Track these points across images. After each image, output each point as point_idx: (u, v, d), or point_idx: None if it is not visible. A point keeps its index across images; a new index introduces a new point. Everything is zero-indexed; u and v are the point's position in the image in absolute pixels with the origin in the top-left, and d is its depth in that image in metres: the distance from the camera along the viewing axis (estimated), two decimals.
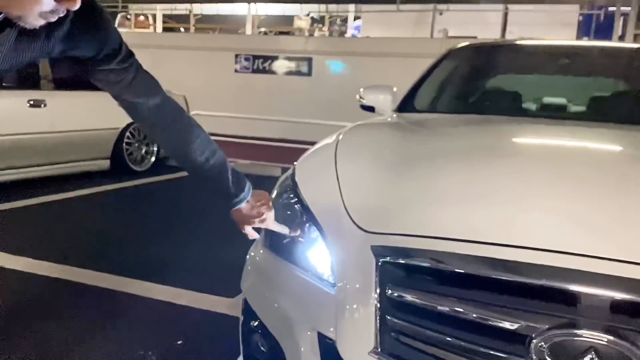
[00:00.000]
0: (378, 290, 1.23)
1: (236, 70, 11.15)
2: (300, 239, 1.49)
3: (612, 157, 1.78)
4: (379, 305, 1.23)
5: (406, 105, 2.63)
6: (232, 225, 1.47)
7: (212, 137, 1.38)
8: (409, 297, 1.20)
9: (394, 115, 2.47)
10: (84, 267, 3.08)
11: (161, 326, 2.44)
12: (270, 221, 1.44)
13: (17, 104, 4.99)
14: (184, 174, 5.24)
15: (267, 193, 1.48)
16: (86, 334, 2.33)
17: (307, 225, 1.49)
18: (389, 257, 1.25)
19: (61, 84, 5.44)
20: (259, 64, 11.01)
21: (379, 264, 1.25)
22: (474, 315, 1.13)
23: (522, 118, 2.38)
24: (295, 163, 1.79)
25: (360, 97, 2.94)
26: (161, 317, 2.53)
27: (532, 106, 2.93)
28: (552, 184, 1.37)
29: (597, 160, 1.68)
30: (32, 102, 5.09)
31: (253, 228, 1.46)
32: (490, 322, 1.11)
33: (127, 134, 6.05)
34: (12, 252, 3.29)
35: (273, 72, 10.91)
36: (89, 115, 5.62)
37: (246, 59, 11.15)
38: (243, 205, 1.41)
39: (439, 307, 1.17)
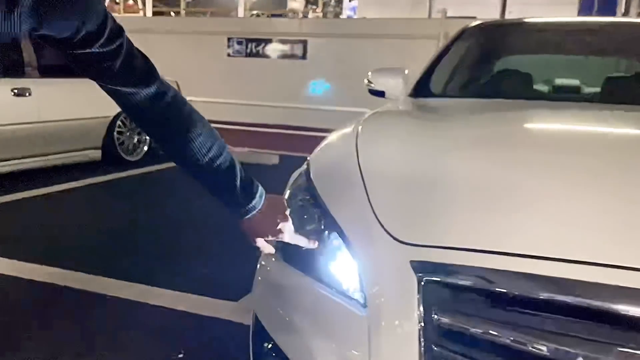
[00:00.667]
0: (422, 315, 1.03)
1: (229, 55, 10.84)
2: (318, 248, 1.28)
3: None
4: (423, 333, 1.02)
5: (421, 89, 2.40)
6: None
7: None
8: (462, 325, 1.00)
9: (411, 102, 2.25)
10: (71, 269, 2.86)
11: (158, 337, 2.23)
12: (286, 235, 1.19)
13: (0, 92, 4.72)
14: None
15: (282, 198, 1.25)
16: (70, 348, 2.12)
17: (327, 232, 1.28)
18: (434, 276, 1.04)
19: (47, 71, 5.15)
20: (252, 47, 10.71)
21: (422, 283, 1.04)
22: (545, 349, 0.93)
23: (555, 103, 2.18)
24: (309, 158, 1.58)
25: (369, 82, 2.71)
26: (158, 326, 2.32)
27: (561, 87, 2.72)
28: (611, 185, 1.17)
29: None
30: (16, 91, 4.82)
31: (266, 240, 1.22)
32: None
33: (118, 122, 5.80)
34: None
35: (267, 56, 10.62)
36: (77, 104, 5.35)
37: (239, 43, 10.85)
38: (253, 216, 1.15)
39: (502, 339, 0.96)
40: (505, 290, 0.99)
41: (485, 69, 2.80)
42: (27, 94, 4.89)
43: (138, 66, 1.00)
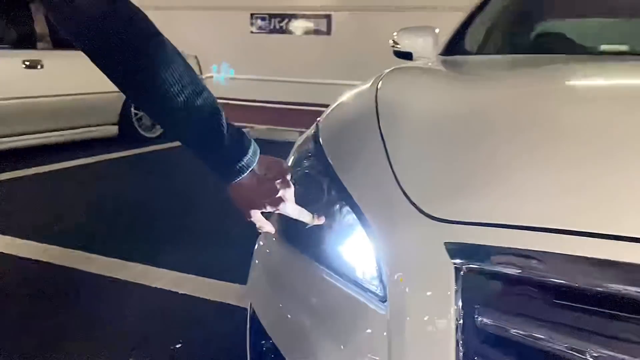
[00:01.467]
0: (461, 313, 0.77)
1: (252, 32, 10.56)
2: (327, 226, 1.02)
3: None
4: (461, 336, 0.76)
5: (454, 47, 2.11)
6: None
7: (228, 102, 0.86)
8: (514, 328, 0.74)
9: (442, 59, 1.96)
10: (73, 248, 2.67)
11: (157, 323, 2.02)
12: (288, 204, 0.93)
13: (10, 64, 4.55)
14: None
15: (283, 161, 0.99)
16: (63, 332, 1.93)
17: (339, 206, 1.02)
18: (478, 263, 0.78)
19: (60, 43, 4.96)
20: (276, 23, 10.41)
21: (462, 272, 0.78)
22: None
23: (605, 59, 1.86)
24: (318, 119, 1.31)
25: (395, 43, 2.43)
26: (157, 311, 2.11)
27: (607, 52, 2.38)
28: None
29: None
30: (27, 63, 4.65)
31: (263, 214, 0.95)
32: None
33: None
34: None
35: (290, 32, 10.31)
36: (91, 77, 5.06)
37: (262, 19, 10.56)
38: (246, 179, 0.90)
39: (569, 348, 0.70)
40: (581, 284, 0.72)
41: (523, 30, 2.48)
42: (39, 67, 4.72)
43: None
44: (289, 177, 0.95)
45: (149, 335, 1.92)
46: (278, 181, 0.92)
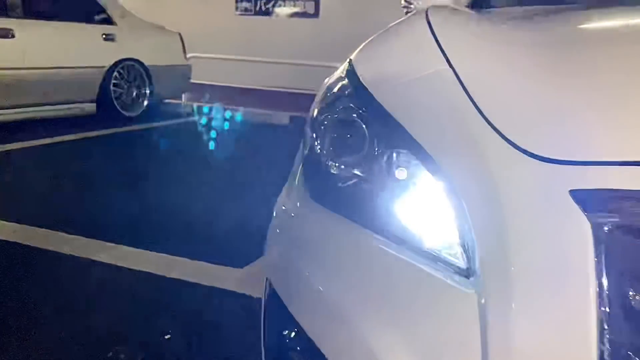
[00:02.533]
0: (604, 289, 0.53)
1: (237, 14, 10.20)
2: (380, 181, 0.77)
3: None
4: (606, 327, 0.52)
5: (482, 1, 1.86)
6: (242, 176, 0.73)
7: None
8: None
9: (473, 11, 1.71)
10: (48, 228, 2.38)
11: (144, 310, 1.76)
12: None
13: None
14: (184, 120, 4.49)
15: None
16: (36, 322, 1.66)
17: (395, 154, 0.77)
18: (625, 217, 0.54)
19: (34, 12, 4.62)
20: (262, 5, 10.07)
21: (604, 229, 0.54)
22: None
23: None
24: (350, 57, 1.06)
25: (407, 3, 2.17)
26: (145, 297, 1.84)
27: None
28: None
29: None
30: None
31: None
32: None
33: (115, 74, 5.28)
34: None
35: (277, 15, 9.98)
36: (68, 50, 4.83)
37: (247, 0, 10.20)
38: None
39: None
40: None
41: None
42: (10, 36, 4.36)
43: None
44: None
45: (134, 326, 1.65)
46: None
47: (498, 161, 0.63)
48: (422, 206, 0.72)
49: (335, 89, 0.96)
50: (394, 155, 0.77)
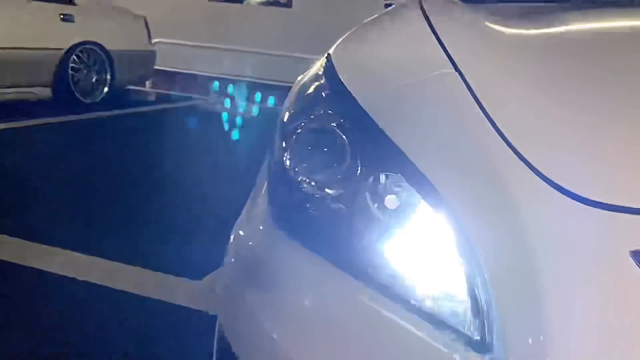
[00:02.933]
0: None
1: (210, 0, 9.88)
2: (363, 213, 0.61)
3: None
4: None
5: None
6: (210, 170, 0.56)
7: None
8: None
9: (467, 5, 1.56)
10: None
11: (78, 326, 1.55)
12: None
13: None
14: (146, 108, 4.17)
15: None
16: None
17: (382, 175, 0.61)
18: None
19: None
20: None
21: None
22: None
23: None
24: (329, 52, 0.88)
25: None
26: (84, 310, 1.63)
27: None
28: None
29: None
30: None
31: None
32: None
33: (73, 57, 4.97)
34: None
35: (248, 3, 9.72)
36: (21, 30, 4.51)
37: None
38: None
39: None
40: None
41: None
42: None
43: None
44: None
45: (66, 342, 1.45)
46: None
47: (531, 201, 0.48)
48: (418, 248, 0.56)
49: (311, 90, 0.79)
50: (382, 177, 0.61)
